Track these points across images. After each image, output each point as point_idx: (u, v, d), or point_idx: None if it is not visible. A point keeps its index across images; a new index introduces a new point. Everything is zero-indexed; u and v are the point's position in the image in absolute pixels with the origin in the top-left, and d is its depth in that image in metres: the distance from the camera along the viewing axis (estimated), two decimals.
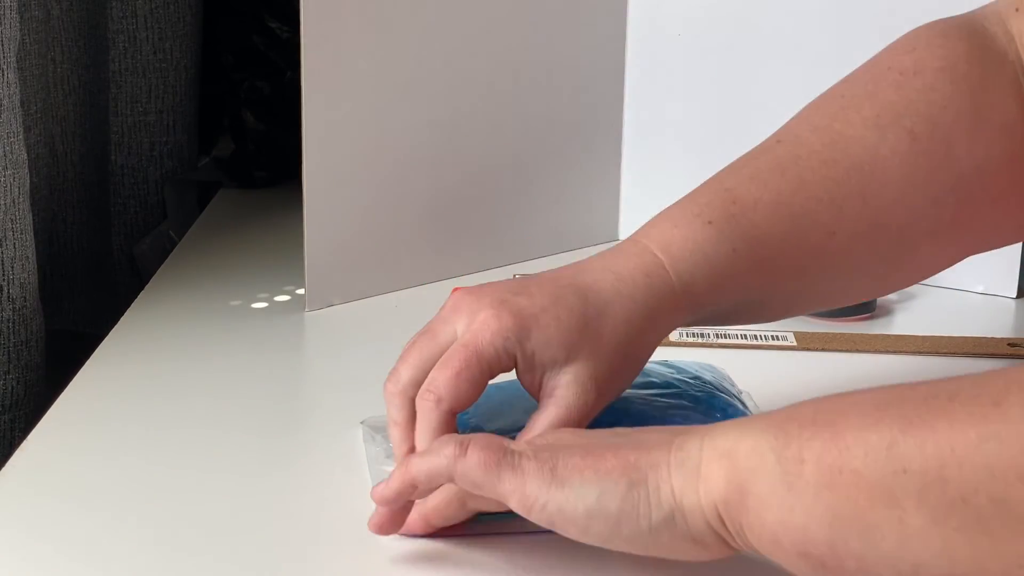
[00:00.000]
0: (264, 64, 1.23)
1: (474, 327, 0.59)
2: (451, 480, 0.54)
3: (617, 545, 0.52)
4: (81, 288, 1.12)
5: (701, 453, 0.50)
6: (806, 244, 0.64)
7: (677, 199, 0.67)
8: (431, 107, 0.95)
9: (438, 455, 0.54)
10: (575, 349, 0.59)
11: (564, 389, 0.59)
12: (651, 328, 0.62)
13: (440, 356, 0.60)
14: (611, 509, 0.51)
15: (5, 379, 0.84)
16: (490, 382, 0.60)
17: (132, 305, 0.91)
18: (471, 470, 0.53)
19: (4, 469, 0.66)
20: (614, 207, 1.09)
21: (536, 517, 0.52)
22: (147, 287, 0.96)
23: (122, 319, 0.88)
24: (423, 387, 0.59)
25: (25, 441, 0.69)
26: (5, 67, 0.81)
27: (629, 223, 1.09)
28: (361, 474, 0.67)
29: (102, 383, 0.78)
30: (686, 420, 0.63)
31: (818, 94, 0.72)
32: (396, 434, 0.60)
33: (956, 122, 0.65)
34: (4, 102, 0.82)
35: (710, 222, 0.63)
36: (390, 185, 0.94)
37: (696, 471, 0.50)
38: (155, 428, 0.72)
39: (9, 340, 0.84)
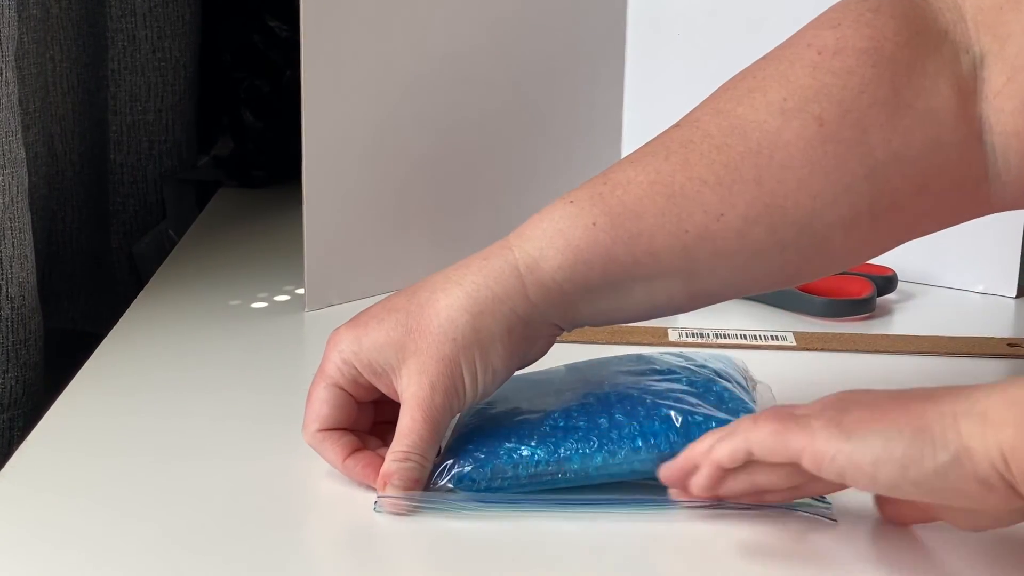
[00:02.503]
0: (263, 63, 1.23)
1: (325, 351, 0.65)
2: (749, 454, 0.56)
3: (906, 492, 0.53)
4: (80, 287, 1.11)
5: (989, 400, 0.51)
6: (688, 223, 0.62)
7: None
8: (431, 106, 0.95)
9: (734, 435, 0.57)
10: (403, 348, 0.62)
11: (410, 389, 0.62)
12: (489, 310, 0.62)
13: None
14: (897, 454, 0.52)
15: (4, 378, 0.84)
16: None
17: (132, 304, 0.91)
18: (765, 438, 0.55)
19: (4, 469, 0.66)
20: None
21: (827, 471, 0.54)
22: (147, 286, 0.95)
23: (122, 318, 0.88)
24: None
25: (25, 441, 0.69)
26: (3, 66, 0.81)
27: None
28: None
29: (102, 382, 0.78)
30: (679, 403, 0.63)
31: None
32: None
33: (871, 108, 0.62)
34: (2, 101, 0.81)
35: (571, 202, 0.63)
36: (390, 185, 0.94)
37: (983, 417, 0.51)
38: (155, 427, 0.72)
39: (8, 339, 0.84)
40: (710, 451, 0.57)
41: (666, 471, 0.59)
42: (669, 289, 0.64)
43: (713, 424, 0.62)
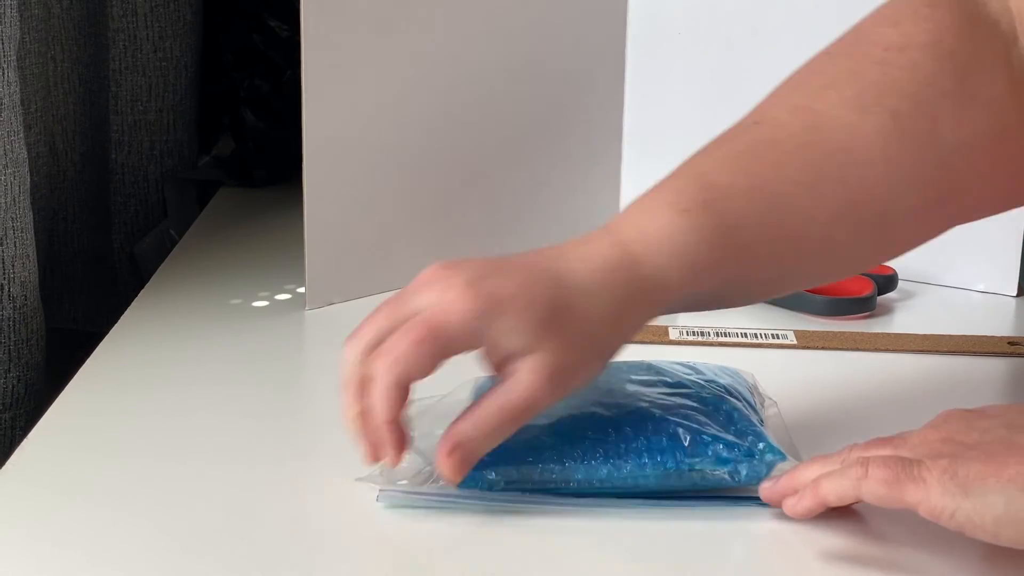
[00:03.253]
0: (264, 63, 1.23)
1: (443, 303, 0.60)
2: (858, 499, 0.57)
3: None
4: (81, 287, 1.12)
5: None
6: (784, 230, 0.63)
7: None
8: (431, 106, 0.95)
9: (844, 476, 0.56)
10: (540, 339, 0.59)
11: (521, 376, 0.59)
12: (620, 323, 0.62)
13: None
14: (1020, 516, 0.52)
15: (6, 377, 0.84)
16: None
17: (132, 303, 0.91)
18: (877, 487, 0.55)
19: (4, 468, 0.66)
20: (614, 207, 1.09)
21: (946, 524, 0.54)
22: (147, 286, 0.95)
23: (122, 318, 0.88)
24: (382, 347, 0.59)
25: (25, 440, 0.69)
26: (5, 66, 0.81)
27: None
28: (361, 474, 0.67)
29: (103, 382, 0.78)
30: (688, 419, 0.63)
31: None
32: (348, 395, 0.60)
33: (940, 100, 0.64)
34: (4, 101, 0.82)
35: (685, 211, 0.62)
36: (390, 184, 0.94)
37: None
38: (155, 426, 0.72)
39: (9, 338, 0.84)
40: (817, 485, 0.58)
41: (767, 491, 0.60)
42: (751, 295, 0.68)
43: (721, 446, 0.62)
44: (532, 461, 0.62)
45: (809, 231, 0.63)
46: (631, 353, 0.84)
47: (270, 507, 0.63)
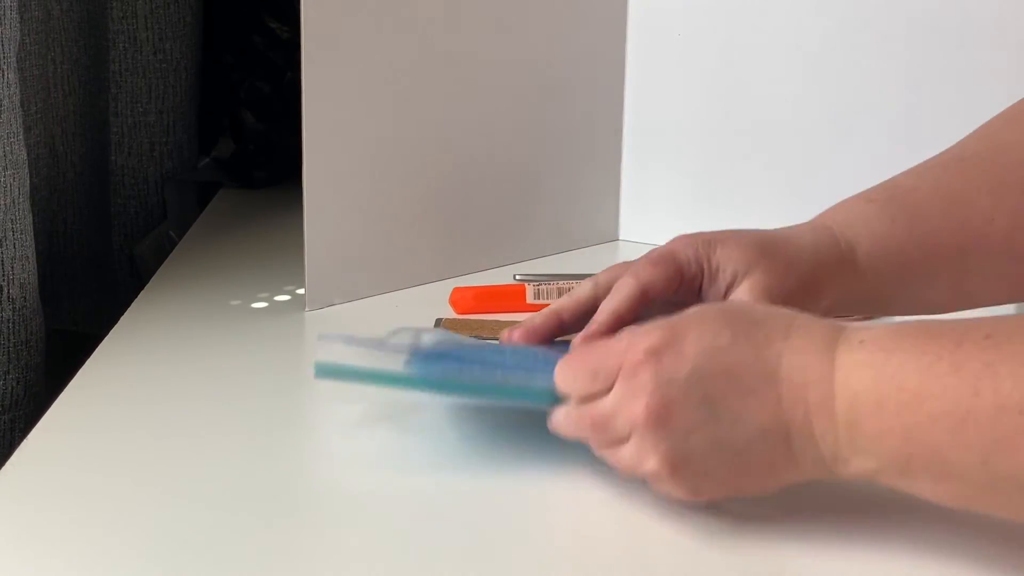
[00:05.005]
0: (264, 64, 1.23)
1: (668, 243, 0.69)
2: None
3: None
4: (81, 288, 1.12)
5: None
6: (966, 226, 0.69)
7: (677, 198, 0.69)
8: (431, 107, 0.95)
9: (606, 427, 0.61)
10: (754, 264, 0.68)
11: (739, 295, 0.67)
12: (816, 277, 0.68)
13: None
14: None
15: (5, 379, 0.84)
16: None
17: (132, 305, 0.91)
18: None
19: (4, 469, 0.66)
20: (614, 207, 1.09)
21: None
22: (147, 287, 0.95)
23: (122, 319, 0.88)
24: (624, 272, 0.69)
25: (25, 441, 0.69)
26: (5, 67, 0.81)
27: (629, 223, 1.09)
28: (361, 474, 0.67)
29: (102, 383, 0.78)
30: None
31: (818, 93, 0.72)
32: (570, 301, 0.71)
33: None
34: (4, 102, 0.82)
35: (871, 200, 0.71)
36: (390, 185, 0.94)
37: (826, 474, 0.58)
38: (155, 428, 0.72)
39: (9, 340, 0.84)
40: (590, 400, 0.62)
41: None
42: (941, 288, 0.71)
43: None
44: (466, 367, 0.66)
45: (990, 231, 0.69)
46: None
47: (269, 507, 0.63)
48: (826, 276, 0.69)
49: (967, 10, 0.92)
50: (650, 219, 1.08)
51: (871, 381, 0.55)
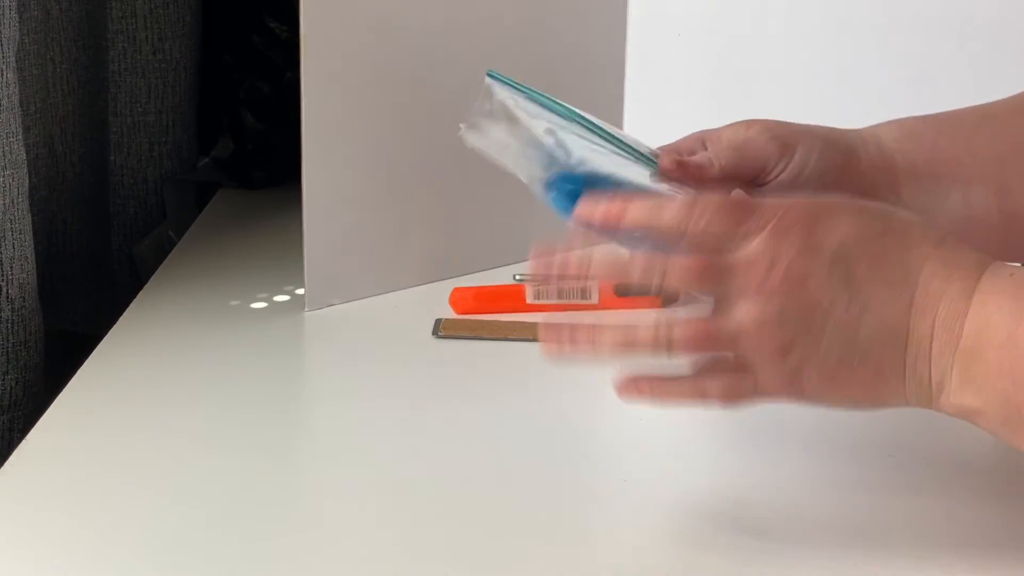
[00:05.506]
0: (264, 64, 1.23)
1: (749, 133, 0.71)
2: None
3: None
4: (80, 288, 1.11)
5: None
6: (1004, 136, 0.68)
7: None
8: (430, 106, 0.95)
9: (681, 386, 0.60)
10: (751, 123, 0.71)
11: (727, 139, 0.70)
12: (875, 184, 0.69)
13: None
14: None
15: (4, 379, 0.84)
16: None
17: (131, 305, 0.91)
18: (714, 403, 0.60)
19: (3, 469, 0.66)
20: None
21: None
22: (146, 287, 0.95)
23: (121, 319, 0.88)
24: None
25: (24, 441, 0.69)
26: (4, 67, 0.81)
27: None
28: (361, 475, 0.67)
29: (101, 383, 0.78)
30: None
31: (817, 93, 0.72)
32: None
33: None
34: (3, 102, 0.81)
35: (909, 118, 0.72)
36: (390, 185, 0.94)
37: (928, 403, 0.56)
38: (154, 428, 0.72)
39: (8, 340, 0.84)
40: (643, 381, 0.60)
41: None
42: (983, 199, 0.69)
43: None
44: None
45: None
46: None
47: (269, 507, 0.63)
48: (882, 183, 0.69)
49: (967, 10, 0.92)
50: None
51: (1008, 313, 0.52)
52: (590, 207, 0.60)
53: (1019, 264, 0.63)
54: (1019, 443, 0.53)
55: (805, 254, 0.55)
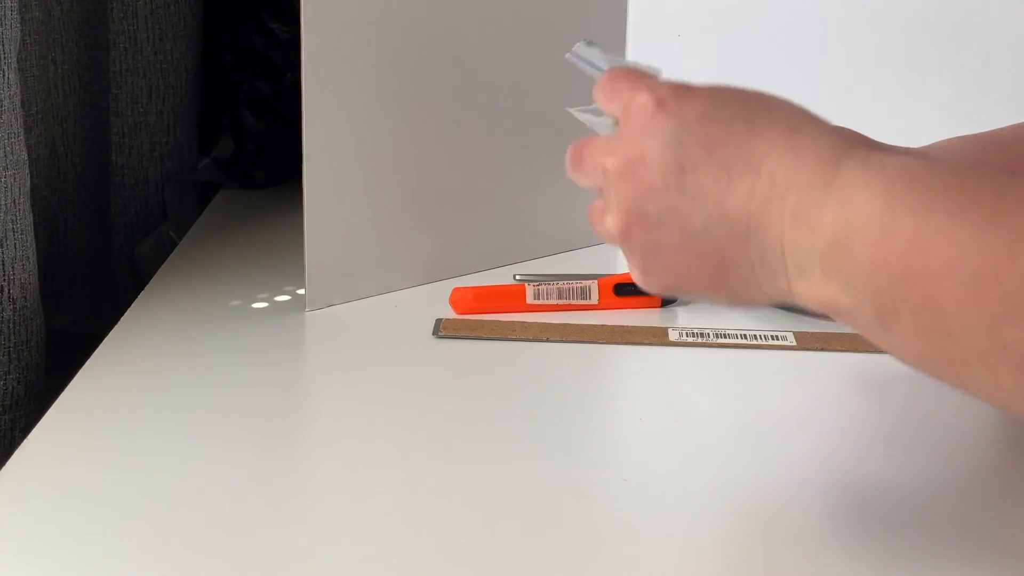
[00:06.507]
0: (264, 64, 1.23)
1: None
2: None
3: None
4: (81, 289, 1.12)
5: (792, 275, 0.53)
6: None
7: None
8: (431, 107, 0.95)
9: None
10: None
11: None
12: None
13: None
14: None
15: (5, 379, 0.84)
16: None
17: (132, 305, 0.91)
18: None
19: (4, 469, 0.66)
20: None
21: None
22: (147, 287, 0.96)
23: (122, 319, 0.88)
24: None
25: (25, 441, 0.69)
26: (6, 67, 0.81)
27: None
28: (361, 475, 0.67)
29: (102, 383, 0.78)
30: None
31: (818, 93, 0.72)
32: None
33: None
34: (5, 103, 0.82)
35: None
36: (390, 185, 0.94)
37: (788, 292, 0.53)
38: (155, 428, 0.72)
39: (9, 340, 0.84)
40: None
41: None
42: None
43: None
44: None
45: None
46: (628, 354, 0.85)
47: (270, 508, 0.63)
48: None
49: (967, 11, 0.92)
50: None
51: (882, 206, 0.49)
52: None
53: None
54: (888, 340, 0.50)
55: (644, 138, 0.54)
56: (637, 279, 0.58)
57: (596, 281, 0.92)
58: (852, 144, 0.52)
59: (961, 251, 0.46)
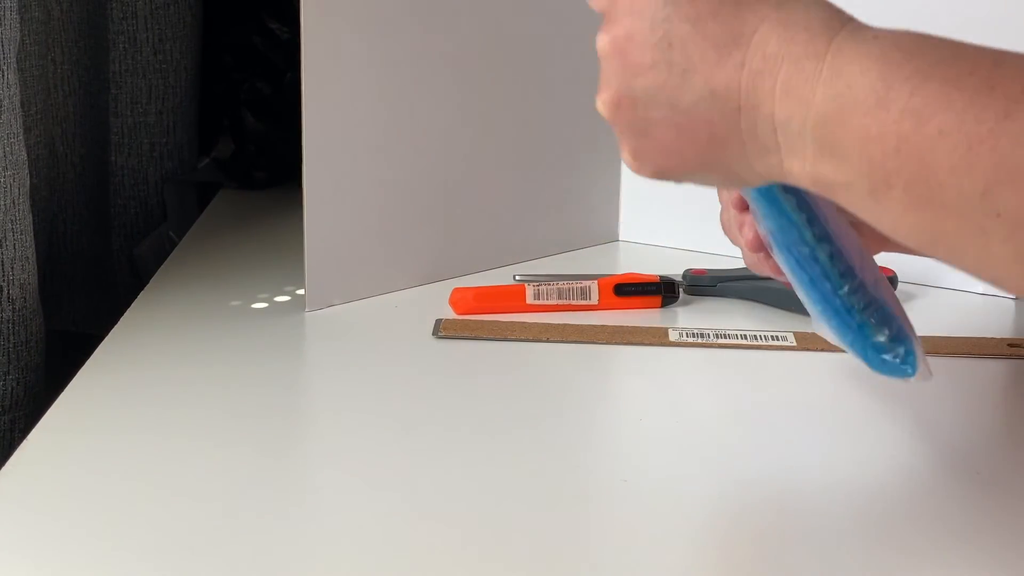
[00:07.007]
0: (264, 65, 1.23)
1: None
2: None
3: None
4: (81, 289, 1.12)
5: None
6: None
7: (677, 199, 0.66)
8: (431, 107, 0.95)
9: None
10: None
11: None
12: None
13: None
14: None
15: (5, 380, 0.84)
16: None
17: (132, 305, 0.91)
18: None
19: (4, 470, 0.66)
20: (614, 207, 1.09)
21: None
22: (147, 288, 0.95)
23: (122, 320, 0.88)
24: None
25: (24, 442, 0.69)
26: (5, 68, 0.81)
27: (629, 223, 1.09)
28: (361, 475, 0.67)
29: (101, 384, 0.78)
30: None
31: None
32: None
33: None
34: (4, 103, 0.82)
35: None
36: (390, 185, 0.94)
37: (779, 171, 0.52)
38: (155, 429, 0.72)
39: (9, 341, 0.84)
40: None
41: None
42: None
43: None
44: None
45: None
46: (628, 354, 0.85)
47: (269, 508, 0.63)
48: None
49: (969, 10, 0.92)
50: (650, 219, 1.08)
51: (876, 77, 0.48)
52: None
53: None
54: (880, 214, 0.50)
55: (631, 15, 0.54)
56: (629, 164, 0.58)
57: (596, 281, 0.92)
58: (843, 18, 0.52)
59: (956, 117, 0.46)
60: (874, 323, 0.63)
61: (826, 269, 0.63)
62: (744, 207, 0.67)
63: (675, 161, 0.56)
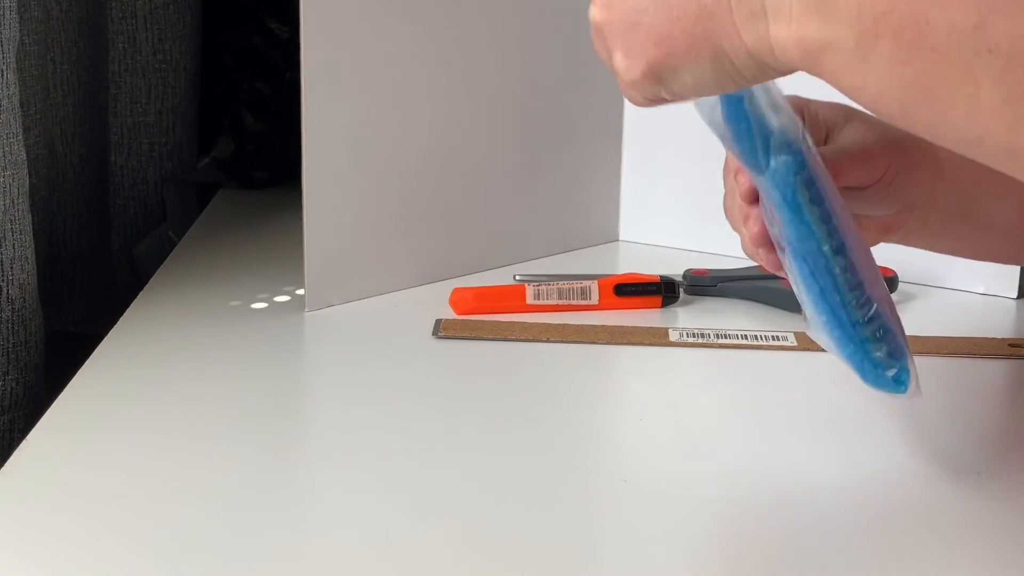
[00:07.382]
0: (264, 64, 1.23)
1: None
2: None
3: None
4: (80, 289, 1.12)
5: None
6: None
7: (677, 199, 0.66)
8: (431, 107, 0.95)
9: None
10: (852, 115, 0.70)
11: (842, 138, 0.69)
12: (905, 148, 0.70)
13: None
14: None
15: (4, 380, 0.84)
16: None
17: (131, 306, 0.91)
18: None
19: (3, 470, 0.66)
20: (614, 207, 1.09)
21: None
22: (146, 288, 0.95)
23: (121, 320, 0.88)
24: None
25: (24, 442, 0.69)
26: (5, 67, 0.81)
27: (629, 223, 1.09)
28: (361, 475, 0.67)
29: (101, 384, 0.78)
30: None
31: (817, 92, 0.71)
32: None
33: None
34: (3, 103, 0.82)
35: None
36: (390, 185, 0.94)
37: (767, 40, 0.52)
38: (154, 429, 0.72)
39: (8, 341, 0.84)
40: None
41: None
42: (1010, 207, 0.73)
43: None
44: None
45: None
46: (628, 354, 0.85)
47: (269, 508, 0.63)
48: (915, 155, 0.69)
49: None
50: (650, 219, 1.08)
51: None
52: None
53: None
54: (866, 71, 0.49)
55: None
56: (620, 70, 0.59)
57: (596, 281, 0.92)
58: None
59: None
60: (875, 338, 0.64)
61: (838, 283, 0.63)
62: (753, 199, 0.67)
63: (665, 48, 0.56)
